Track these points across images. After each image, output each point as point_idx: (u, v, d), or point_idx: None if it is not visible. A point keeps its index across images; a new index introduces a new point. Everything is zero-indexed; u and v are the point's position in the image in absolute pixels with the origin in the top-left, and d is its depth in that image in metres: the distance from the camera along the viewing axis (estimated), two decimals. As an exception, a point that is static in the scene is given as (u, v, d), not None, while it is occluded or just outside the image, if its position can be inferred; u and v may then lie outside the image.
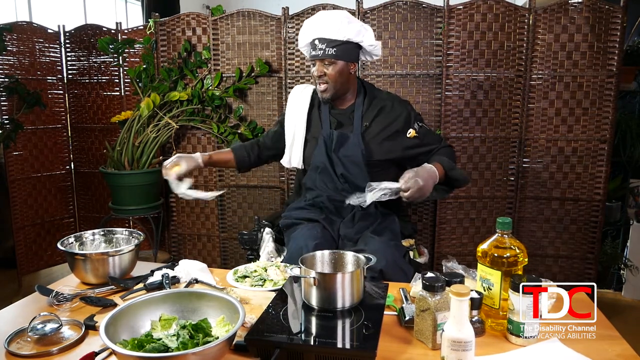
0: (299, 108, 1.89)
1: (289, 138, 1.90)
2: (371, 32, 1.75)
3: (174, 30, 2.84)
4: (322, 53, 1.69)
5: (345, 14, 1.71)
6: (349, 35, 1.68)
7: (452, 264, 1.33)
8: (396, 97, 1.87)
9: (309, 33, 1.73)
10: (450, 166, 1.72)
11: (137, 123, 2.75)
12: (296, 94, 1.94)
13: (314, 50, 1.71)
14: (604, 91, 2.43)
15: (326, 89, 1.75)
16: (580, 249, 2.59)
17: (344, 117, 1.83)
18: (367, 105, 1.81)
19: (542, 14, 2.42)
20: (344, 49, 1.70)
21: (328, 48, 1.68)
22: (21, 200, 2.98)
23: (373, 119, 1.79)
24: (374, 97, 1.83)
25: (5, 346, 1.05)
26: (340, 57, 1.70)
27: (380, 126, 1.79)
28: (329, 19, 1.69)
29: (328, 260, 1.27)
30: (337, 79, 1.73)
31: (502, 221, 1.11)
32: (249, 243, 1.86)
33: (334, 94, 1.77)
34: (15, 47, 2.89)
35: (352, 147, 1.76)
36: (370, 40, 1.73)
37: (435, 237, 2.67)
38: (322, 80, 1.74)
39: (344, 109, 1.84)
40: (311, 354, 0.97)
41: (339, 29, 1.67)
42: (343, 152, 1.77)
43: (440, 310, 1.01)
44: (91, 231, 1.58)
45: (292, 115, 1.90)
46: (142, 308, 1.06)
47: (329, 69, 1.71)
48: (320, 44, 1.69)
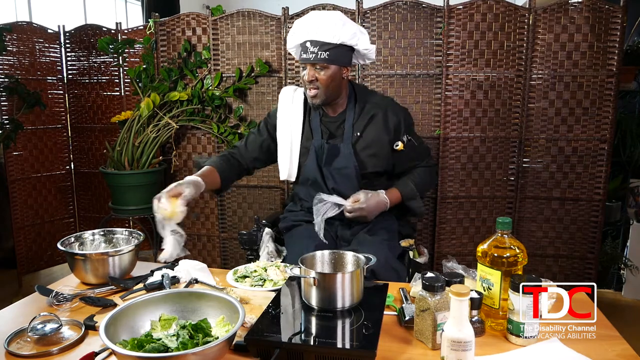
0: (293, 115, 1.79)
1: (285, 149, 1.78)
2: (366, 35, 1.66)
3: (174, 30, 2.84)
4: (314, 57, 1.58)
5: (339, 15, 1.62)
6: (344, 38, 1.58)
7: (452, 264, 1.33)
8: (390, 103, 1.78)
9: (300, 34, 1.63)
10: (411, 196, 1.71)
11: (137, 123, 2.75)
12: (287, 98, 1.82)
13: (305, 53, 1.60)
14: (604, 91, 2.43)
15: (316, 94, 1.65)
16: (580, 249, 2.59)
17: (335, 125, 1.75)
18: (359, 113, 1.73)
19: (542, 14, 2.42)
20: (338, 52, 1.59)
21: (321, 51, 1.58)
22: (21, 200, 2.98)
23: (364, 128, 1.71)
24: (366, 102, 1.74)
25: (5, 346, 1.05)
26: (333, 61, 1.60)
27: (372, 136, 1.71)
28: (322, 20, 1.59)
29: (328, 260, 1.27)
30: (329, 85, 1.63)
31: (502, 221, 1.11)
32: (248, 243, 1.86)
33: (324, 100, 1.67)
34: (15, 47, 2.89)
35: (344, 161, 1.70)
36: (366, 44, 1.64)
37: (435, 237, 2.67)
38: (313, 85, 1.63)
39: (335, 117, 1.75)
40: (311, 354, 0.97)
41: (333, 31, 1.57)
42: (335, 164, 1.71)
43: (440, 310, 1.01)
44: (91, 231, 1.58)
45: (286, 122, 1.78)
46: (142, 308, 1.06)
47: (321, 73, 1.61)
48: (312, 47, 1.58)
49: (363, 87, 1.83)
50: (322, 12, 1.67)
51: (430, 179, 1.87)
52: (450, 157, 2.59)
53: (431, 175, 1.86)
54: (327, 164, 1.72)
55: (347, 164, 1.70)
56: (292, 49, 1.72)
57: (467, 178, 2.60)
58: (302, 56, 1.63)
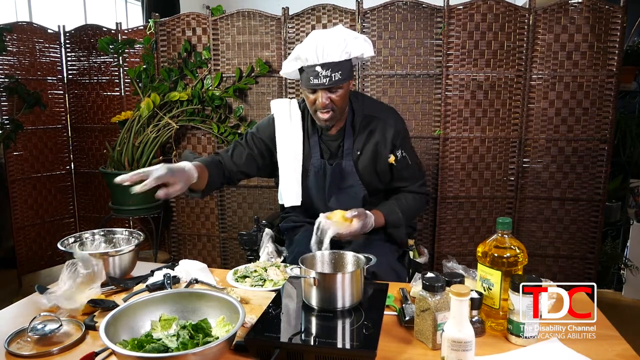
0: (293, 135, 1.67)
1: (286, 171, 1.67)
2: (369, 41, 1.56)
3: (174, 31, 2.84)
4: (329, 80, 1.46)
5: (341, 30, 1.53)
6: (354, 53, 1.50)
7: (452, 264, 1.33)
8: (389, 114, 1.67)
9: (306, 60, 1.49)
10: (395, 224, 1.60)
11: (137, 123, 2.75)
12: (283, 114, 1.69)
13: (317, 79, 1.47)
14: (604, 91, 2.44)
15: (332, 117, 1.54)
16: (580, 249, 2.59)
17: (335, 144, 1.66)
18: (358, 128, 1.63)
19: (542, 14, 2.42)
20: (346, 68, 1.50)
21: (334, 74, 1.46)
22: (21, 200, 2.98)
23: (364, 145, 1.63)
24: (364, 115, 1.64)
25: (5, 346, 1.05)
26: (346, 79, 1.50)
27: (372, 152, 1.63)
28: (329, 40, 1.47)
29: (328, 260, 1.27)
30: (343, 104, 1.55)
31: (502, 221, 1.11)
32: (248, 243, 1.86)
33: (337, 119, 1.58)
34: (15, 47, 2.89)
35: (349, 180, 1.63)
36: (371, 51, 1.55)
37: (435, 237, 2.67)
38: (328, 108, 1.52)
39: (335, 135, 1.65)
40: (311, 354, 0.97)
41: (343, 48, 1.47)
42: (340, 185, 1.64)
43: (440, 310, 1.01)
44: (91, 231, 1.57)
45: (287, 143, 1.67)
46: (142, 308, 1.06)
47: (335, 95, 1.50)
48: (325, 71, 1.46)
49: (360, 97, 1.71)
50: (323, 31, 1.53)
51: (419, 207, 1.72)
52: (450, 157, 2.59)
53: (421, 204, 1.72)
54: (331, 185, 1.65)
55: (353, 183, 1.64)
56: (288, 74, 1.61)
57: (467, 178, 2.60)
58: (311, 82, 1.49)
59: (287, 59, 1.57)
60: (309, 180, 1.67)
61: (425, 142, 2.62)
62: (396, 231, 1.60)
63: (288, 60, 1.57)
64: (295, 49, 1.54)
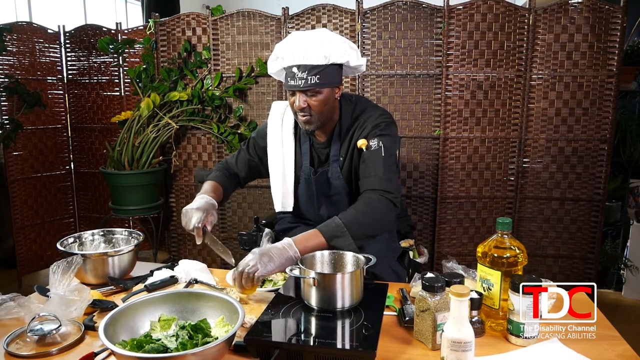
0: (284, 140, 1.64)
1: (277, 177, 1.65)
2: (356, 50, 1.51)
3: (174, 31, 2.84)
4: (304, 83, 1.42)
5: (325, 32, 1.47)
6: (334, 57, 1.43)
7: (452, 264, 1.33)
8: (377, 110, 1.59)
9: (283, 60, 1.46)
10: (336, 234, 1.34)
11: (137, 123, 2.75)
12: (276, 119, 1.67)
13: (293, 80, 1.43)
14: (604, 91, 2.43)
15: (309, 120, 1.49)
16: (580, 249, 2.58)
17: (325, 152, 1.62)
18: (344, 134, 1.58)
19: (542, 14, 2.42)
20: (328, 73, 1.43)
21: (310, 76, 1.41)
22: (21, 200, 2.98)
23: (347, 149, 1.57)
24: (351, 119, 1.58)
25: (4, 347, 1.05)
26: (325, 84, 1.43)
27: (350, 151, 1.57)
28: (308, 41, 1.43)
29: (327, 260, 1.27)
30: (323, 109, 1.48)
31: (502, 221, 1.11)
32: (248, 244, 1.85)
33: (318, 125, 1.52)
34: (15, 47, 2.89)
35: (334, 188, 1.61)
36: (357, 59, 1.50)
37: (435, 237, 2.66)
38: (305, 112, 1.47)
39: (324, 142, 1.61)
40: (311, 355, 0.97)
41: (321, 51, 1.41)
42: (326, 192, 1.63)
43: (440, 310, 1.01)
44: (91, 231, 1.57)
45: (277, 149, 1.64)
46: (141, 308, 1.06)
47: (313, 99, 1.45)
48: (300, 72, 1.41)
49: (354, 100, 1.64)
50: (306, 32, 1.49)
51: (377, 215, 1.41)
52: (450, 157, 2.58)
53: (382, 206, 1.42)
54: (319, 193, 1.64)
55: (340, 191, 1.61)
56: (274, 74, 1.57)
57: (467, 178, 2.60)
58: (289, 83, 1.45)
59: (270, 57, 1.54)
60: (300, 187, 1.66)
61: (425, 142, 2.62)
62: (337, 241, 1.34)
63: (270, 60, 1.54)
64: (275, 48, 1.51)
